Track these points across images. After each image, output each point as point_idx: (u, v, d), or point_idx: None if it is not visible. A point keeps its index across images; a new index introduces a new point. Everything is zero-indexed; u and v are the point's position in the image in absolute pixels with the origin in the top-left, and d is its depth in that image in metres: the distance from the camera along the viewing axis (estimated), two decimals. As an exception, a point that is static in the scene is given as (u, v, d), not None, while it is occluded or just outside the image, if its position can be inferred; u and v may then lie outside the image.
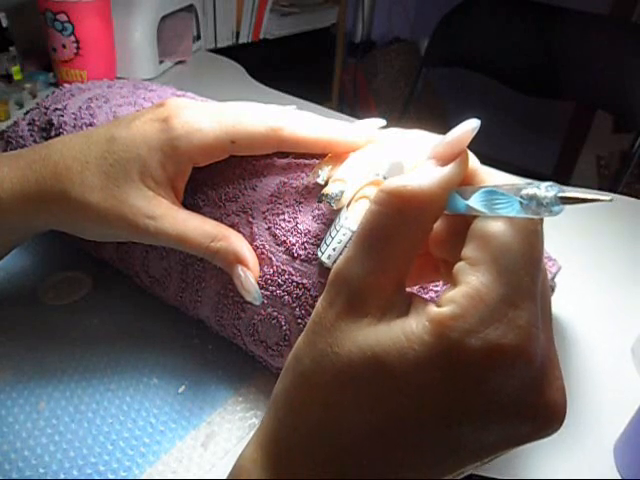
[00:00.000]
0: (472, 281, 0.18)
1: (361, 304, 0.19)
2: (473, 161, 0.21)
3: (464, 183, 0.20)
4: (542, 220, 0.19)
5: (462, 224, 0.20)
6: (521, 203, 0.17)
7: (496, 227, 0.18)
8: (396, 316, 0.19)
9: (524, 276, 0.18)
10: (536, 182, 0.17)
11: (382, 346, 0.18)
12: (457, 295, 0.18)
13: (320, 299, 0.21)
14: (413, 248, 0.20)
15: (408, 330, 0.18)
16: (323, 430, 0.19)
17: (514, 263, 0.18)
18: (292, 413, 0.20)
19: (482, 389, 0.18)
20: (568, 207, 0.16)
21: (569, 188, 0.25)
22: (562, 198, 0.16)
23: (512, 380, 0.18)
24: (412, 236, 0.20)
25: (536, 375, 0.18)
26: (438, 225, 0.22)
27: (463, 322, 0.17)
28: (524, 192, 0.17)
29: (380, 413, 0.18)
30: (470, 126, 0.20)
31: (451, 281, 0.19)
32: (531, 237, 0.19)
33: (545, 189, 0.17)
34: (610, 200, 0.16)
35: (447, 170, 0.20)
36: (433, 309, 0.18)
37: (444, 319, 0.18)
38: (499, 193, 0.18)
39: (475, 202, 0.19)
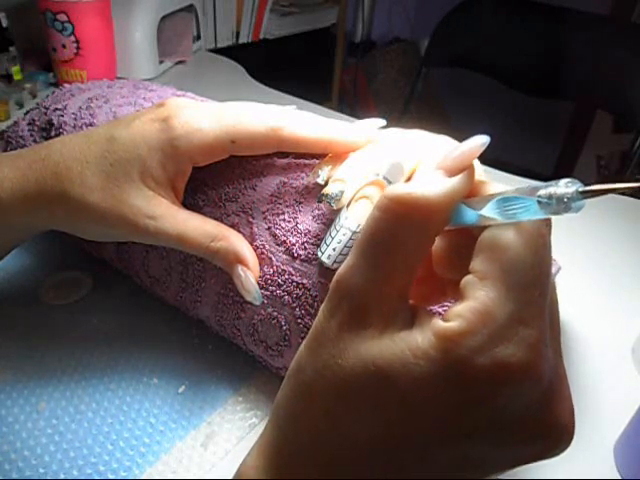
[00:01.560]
0: (480, 296, 0.18)
1: (363, 314, 0.19)
2: (480, 173, 0.21)
3: (469, 196, 0.20)
4: (550, 231, 0.19)
5: (467, 239, 0.20)
6: (539, 202, 0.17)
7: (506, 239, 0.18)
8: (399, 328, 0.19)
9: (534, 291, 0.18)
10: (551, 182, 0.17)
11: (386, 360, 0.18)
12: (465, 310, 0.18)
13: (322, 307, 0.20)
14: (416, 258, 0.19)
15: (413, 345, 0.18)
16: (324, 439, 0.19)
17: (524, 277, 0.18)
18: (294, 421, 0.20)
19: (488, 407, 0.18)
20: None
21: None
22: (584, 192, 0.16)
23: (519, 399, 0.18)
24: (415, 245, 0.19)
25: (544, 394, 0.18)
26: (442, 242, 0.22)
27: (471, 338, 0.17)
28: (542, 192, 0.17)
29: (382, 425, 0.18)
30: (480, 141, 0.20)
31: (458, 296, 0.19)
32: (541, 250, 0.18)
33: (565, 185, 0.16)
34: (639, 185, 0.16)
35: (454, 181, 0.19)
36: (439, 323, 0.18)
37: (451, 334, 0.17)
38: (513, 198, 0.18)
39: (489, 211, 0.19)
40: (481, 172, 0.26)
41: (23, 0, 0.81)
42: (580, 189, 0.16)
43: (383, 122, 0.32)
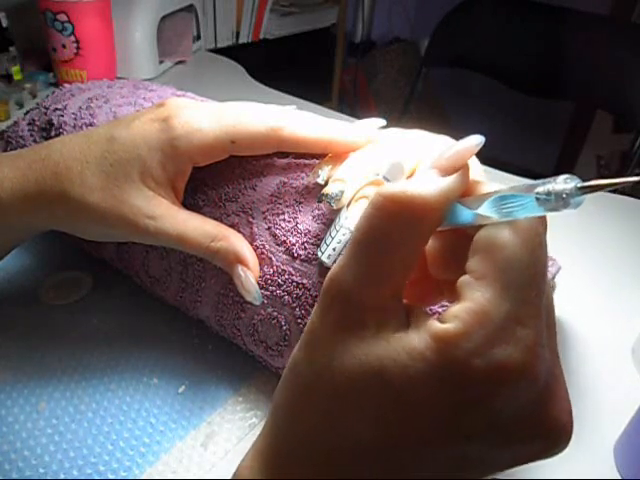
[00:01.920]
0: (477, 297, 0.18)
1: (356, 315, 0.19)
2: (475, 173, 0.21)
3: (464, 196, 0.20)
4: (546, 231, 0.19)
5: (462, 239, 0.20)
6: (538, 199, 0.17)
7: (502, 238, 0.18)
8: (394, 328, 0.19)
9: (530, 290, 0.18)
10: (549, 178, 0.17)
11: (382, 362, 0.18)
12: (461, 311, 0.18)
13: (315, 307, 0.20)
14: (409, 257, 0.19)
15: (409, 346, 0.18)
16: (322, 439, 0.19)
17: (521, 276, 0.18)
18: (291, 422, 0.20)
19: (486, 407, 0.18)
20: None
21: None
22: (583, 188, 0.16)
23: (516, 399, 0.18)
24: (409, 244, 0.19)
25: (540, 394, 0.18)
26: (437, 243, 0.22)
27: (468, 340, 0.17)
28: (540, 189, 0.17)
29: (379, 426, 0.18)
30: (474, 141, 0.20)
31: (455, 296, 0.19)
32: (537, 249, 0.18)
33: (564, 181, 0.16)
34: (639, 179, 0.16)
35: (449, 180, 0.19)
36: (436, 324, 0.18)
37: (448, 336, 0.17)
38: (509, 196, 0.18)
39: (485, 210, 0.18)
40: (481, 172, 0.26)
41: (23, 0, 0.81)
42: (579, 185, 0.16)
43: (383, 122, 0.32)
